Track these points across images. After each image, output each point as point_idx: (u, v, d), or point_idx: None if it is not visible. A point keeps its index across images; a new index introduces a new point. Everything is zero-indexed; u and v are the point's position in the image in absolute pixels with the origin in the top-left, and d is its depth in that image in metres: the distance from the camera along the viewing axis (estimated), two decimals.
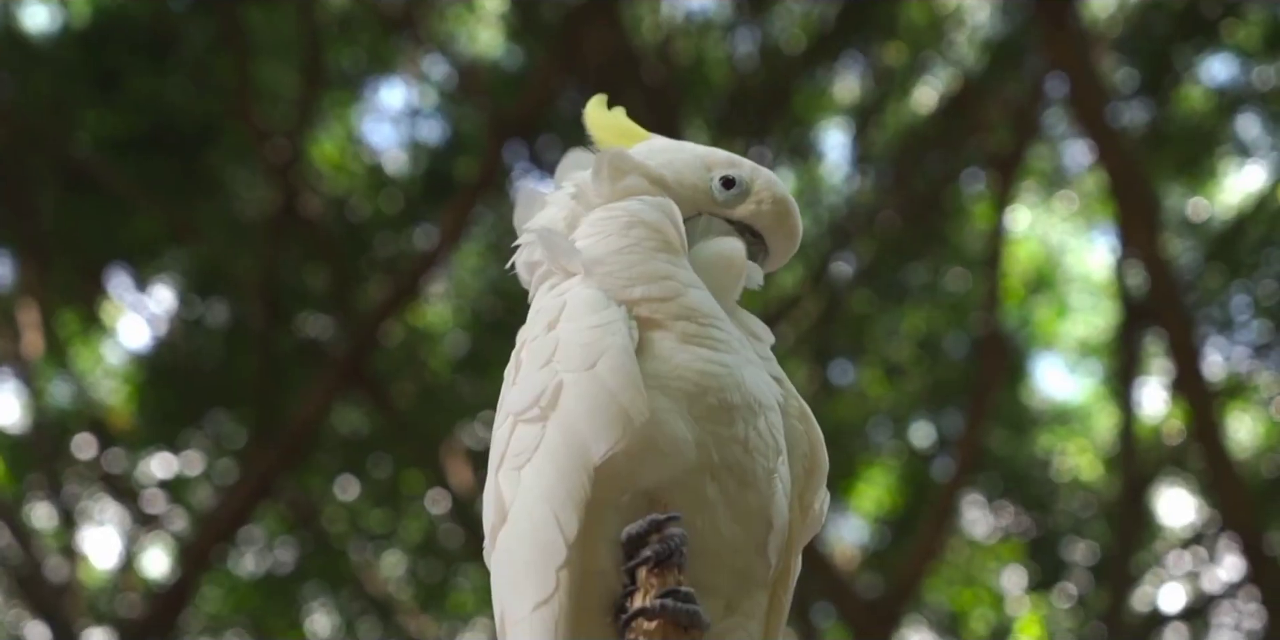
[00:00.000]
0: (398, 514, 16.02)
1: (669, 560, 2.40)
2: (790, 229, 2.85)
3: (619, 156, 2.78)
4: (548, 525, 2.41)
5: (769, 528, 2.57)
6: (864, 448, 15.81)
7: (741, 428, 2.54)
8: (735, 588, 2.55)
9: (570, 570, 2.40)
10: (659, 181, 2.78)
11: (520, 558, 2.46)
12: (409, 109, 15.05)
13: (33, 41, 13.63)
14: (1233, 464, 12.17)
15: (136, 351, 15.60)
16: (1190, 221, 14.49)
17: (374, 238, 14.80)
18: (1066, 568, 15.84)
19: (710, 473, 2.50)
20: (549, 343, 2.56)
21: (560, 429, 2.46)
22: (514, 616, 2.46)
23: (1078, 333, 16.40)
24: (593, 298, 2.58)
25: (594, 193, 2.78)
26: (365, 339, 13.38)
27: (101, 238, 14.13)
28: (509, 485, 2.52)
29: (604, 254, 2.65)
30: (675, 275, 2.63)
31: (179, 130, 13.60)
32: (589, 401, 2.45)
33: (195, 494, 15.42)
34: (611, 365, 2.46)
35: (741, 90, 13.73)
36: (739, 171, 2.83)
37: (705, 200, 2.81)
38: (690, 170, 2.82)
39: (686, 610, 2.37)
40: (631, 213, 2.70)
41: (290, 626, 16.17)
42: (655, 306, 2.59)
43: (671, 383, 2.51)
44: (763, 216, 2.82)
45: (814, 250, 14.14)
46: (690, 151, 2.88)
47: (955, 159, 14.43)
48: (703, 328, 2.59)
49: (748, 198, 2.81)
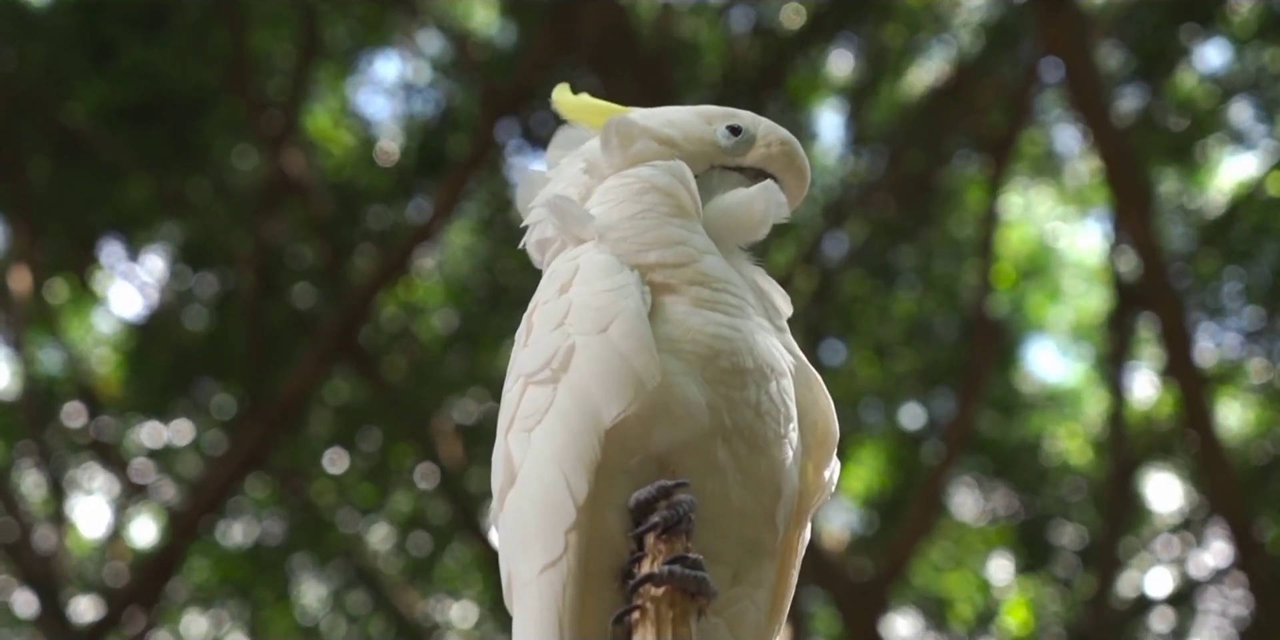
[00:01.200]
0: (386, 487, 16.00)
1: (677, 527, 2.40)
2: (801, 168, 2.87)
3: (625, 123, 2.78)
4: (557, 487, 2.42)
5: (778, 495, 2.58)
6: (854, 429, 15.80)
7: (754, 392, 2.55)
8: (743, 556, 2.56)
9: (579, 533, 2.40)
10: (668, 141, 2.78)
11: (529, 519, 2.45)
12: (403, 83, 15.03)
13: (28, 10, 13.58)
14: (1222, 450, 12.16)
15: (127, 320, 15.58)
16: (1184, 207, 14.50)
17: (366, 211, 14.76)
18: (1055, 551, 15.86)
19: (722, 436, 2.51)
20: (561, 306, 2.56)
21: (571, 391, 2.47)
22: (521, 578, 2.46)
23: (1069, 317, 16.41)
24: (606, 262, 2.58)
25: (606, 164, 2.78)
26: (356, 312, 13.36)
27: (94, 207, 14.11)
28: (519, 447, 2.52)
29: (617, 220, 2.65)
30: (690, 241, 2.64)
31: (173, 101, 13.56)
32: (601, 364, 2.45)
33: (184, 464, 15.39)
34: (624, 329, 2.47)
35: (735, 69, 13.71)
36: (740, 120, 2.85)
37: (715, 152, 2.82)
38: (693, 125, 2.83)
39: (694, 577, 2.37)
40: (643, 178, 2.70)
41: (278, 598, 16.17)
42: (669, 272, 2.59)
43: (684, 346, 2.52)
44: (773, 159, 2.84)
45: (806, 230, 14.13)
46: (686, 110, 2.90)
47: (949, 141, 14.41)
48: (716, 293, 2.60)
49: (755, 143, 2.84)
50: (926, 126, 14.11)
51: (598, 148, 2.81)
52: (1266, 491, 14.16)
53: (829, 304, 14.72)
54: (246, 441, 13.32)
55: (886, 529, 15.51)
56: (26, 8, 13.59)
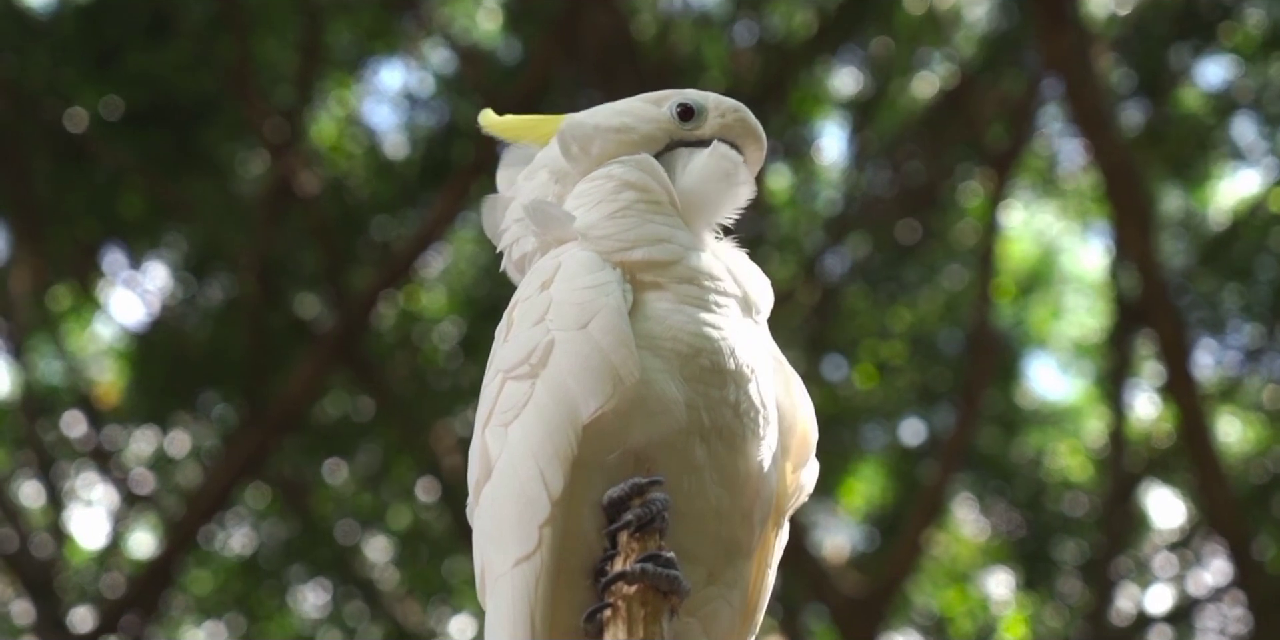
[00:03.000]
0: (386, 498, 15.98)
1: (650, 524, 2.40)
2: (757, 133, 2.87)
3: (576, 125, 2.80)
4: (533, 481, 2.41)
5: (756, 495, 2.57)
6: (855, 444, 15.78)
7: (733, 391, 2.55)
8: (719, 556, 2.55)
9: (553, 528, 2.39)
10: (623, 128, 2.79)
11: (504, 513, 2.45)
12: (407, 92, 15.03)
13: (32, 16, 13.60)
14: (1221, 467, 12.13)
15: (129, 328, 15.55)
16: (1185, 223, 14.50)
17: (370, 220, 14.76)
18: (1054, 567, 15.82)
19: (700, 435, 2.51)
20: (542, 302, 2.56)
21: (549, 386, 2.47)
22: (494, 571, 2.46)
23: (1071, 333, 16.38)
24: (587, 259, 2.58)
25: (574, 169, 2.78)
26: (357, 321, 13.35)
27: (96, 214, 14.10)
28: (495, 441, 2.52)
29: (598, 219, 2.65)
30: (674, 237, 2.64)
31: (177, 107, 13.57)
32: (580, 360, 2.45)
33: (183, 473, 15.37)
34: (603, 325, 2.47)
35: (738, 83, 13.70)
36: (687, 97, 2.84)
37: (672, 128, 2.82)
38: (642, 109, 2.84)
39: (666, 575, 2.37)
40: (615, 177, 2.70)
41: (277, 608, 16.14)
42: (656, 269, 2.59)
43: (664, 343, 2.52)
44: (730, 127, 2.83)
45: (808, 244, 14.13)
46: (630, 99, 2.91)
47: (950, 155, 14.41)
48: (704, 290, 2.60)
49: (707, 115, 2.83)
50: (929, 140, 14.11)
51: (557, 156, 2.80)
52: (1265, 509, 14.14)
53: (830, 319, 14.71)
54: (244, 450, 13.30)
55: (886, 545, 15.46)
56: (30, 13, 13.61)
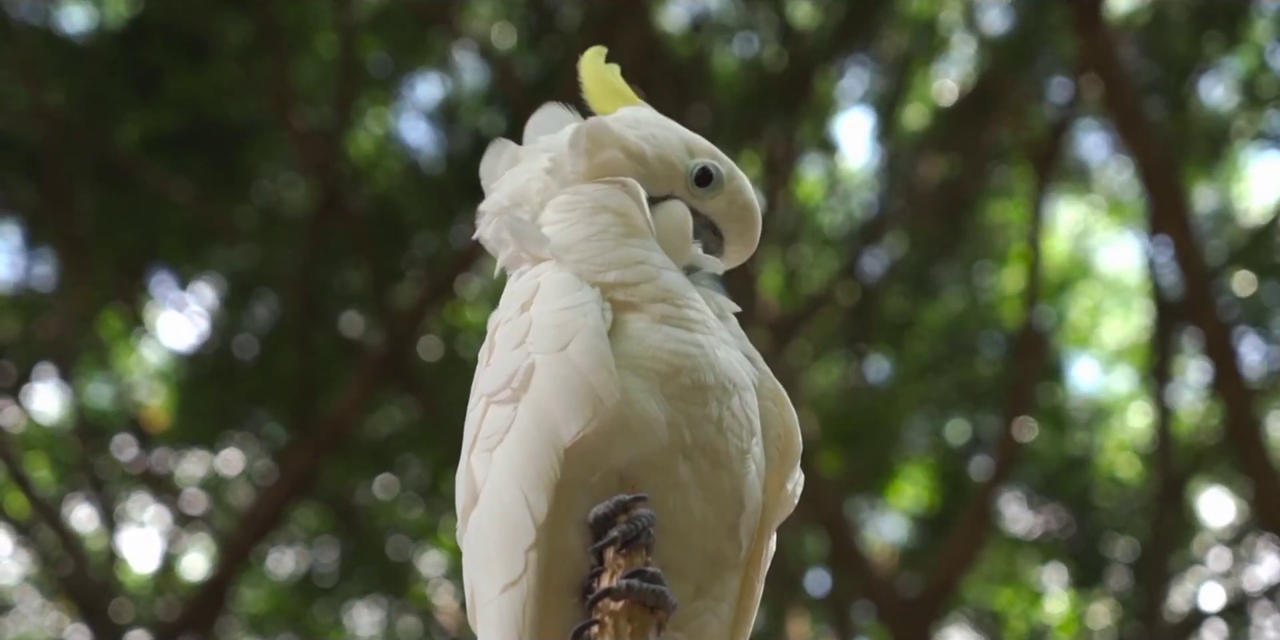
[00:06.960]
0: (437, 513, 16.02)
1: (636, 541, 2.41)
2: (751, 237, 2.85)
3: (599, 128, 2.76)
4: (517, 506, 2.42)
5: (741, 509, 2.58)
6: (900, 445, 15.76)
7: (715, 408, 2.55)
8: (705, 570, 2.56)
9: (539, 552, 2.40)
10: (637, 156, 2.75)
11: (490, 539, 2.46)
12: (443, 108, 15.06)
13: (73, 41, 13.71)
14: (1270, 463, 12.05)
15: (177, 351, 15.66)
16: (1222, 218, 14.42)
17: (412, 237, 14.81)
18: (1106, 565, 15.75)
19: (683, 453, 2.51)
20: (522, 324, 2.56)
21: (531, 410, 2.47)
22: (483, 597, 2.48)
23: (1113, 330, 16.32)
24: (565, 280, 2.58)
25: (569, 166, 2.76)
26: (403, 338, 13.41)
27: (142, 236, 14.20)
28: (481, 467, 2.53)
29: (573, 241, 2.65)
30: (648, 259, 2.64)
31: (218, 129, 13.66)
32: (560, 382, 2.45)
33: (235, 493, 15.46)
34: (582, 346, 2.47)
35: (764, 88, 13.68)
36: (718, 166, 2.80)
37: (679, 183, 2.78)
38: (672, 149, 2.79)
39: (652, 590, 2.37)
40: (595, 199, 2.70)
41: (332, 626, 16.20)
42: (630, 290, 2.59)
43: (644, 363, 2.52)
44: (729, 218, 2.81)
45: (845, 246, 14.12)
46: (675, 131, 2.85)
47: (986, 153, 14.37)
48: (679, 309, 2.60)
49: (720, 194, 2.79)
50: (963, 138, 14.07)
51: (564, 146, 2.78)
52: None
53: (870, 320, 14.70)
54: (295, 469, 13.37)
55: (935, 544, 15.44)
56: (71, 38, 13.72)
